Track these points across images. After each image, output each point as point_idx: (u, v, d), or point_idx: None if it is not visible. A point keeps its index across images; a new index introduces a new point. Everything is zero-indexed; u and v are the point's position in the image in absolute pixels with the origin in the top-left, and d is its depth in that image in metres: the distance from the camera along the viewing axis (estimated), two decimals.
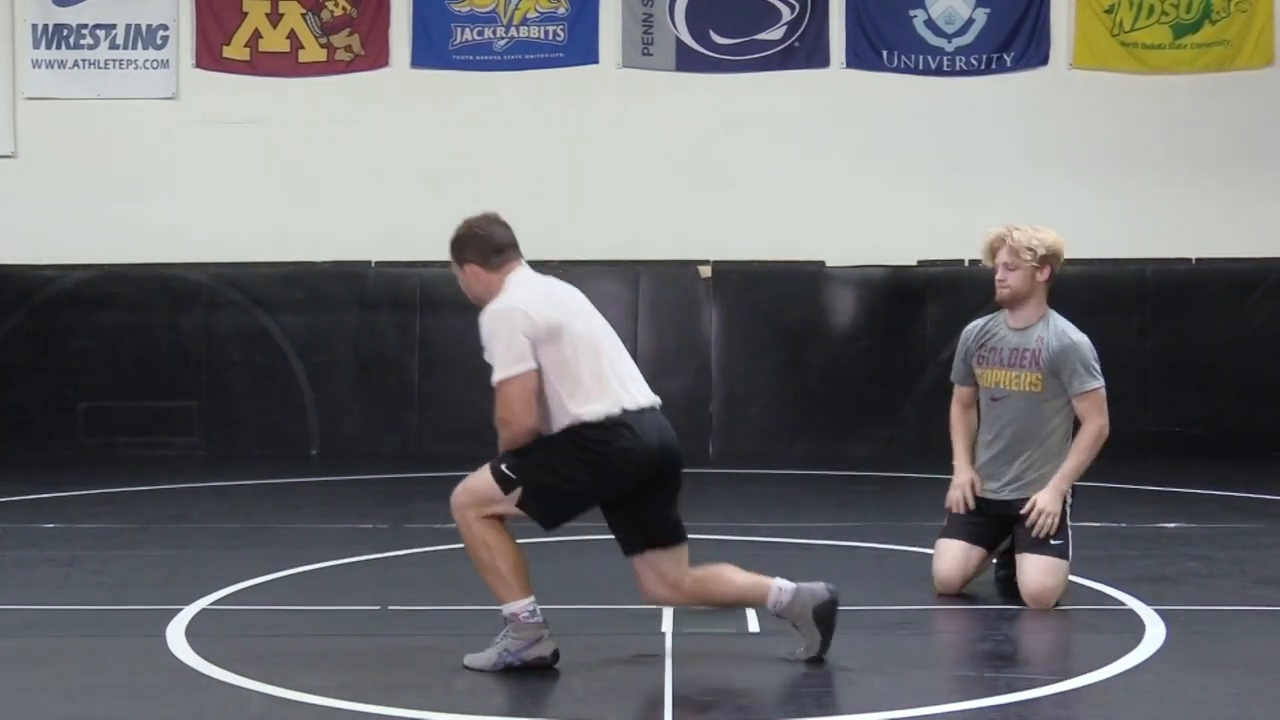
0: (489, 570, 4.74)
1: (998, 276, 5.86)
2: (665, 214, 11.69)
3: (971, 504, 5.84)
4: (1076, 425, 5.80)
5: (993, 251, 5.88)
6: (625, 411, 4.71)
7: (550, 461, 4.70)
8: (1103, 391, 5.75)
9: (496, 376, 4.71)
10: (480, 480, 4.81)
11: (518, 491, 4.72)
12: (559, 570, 6.34)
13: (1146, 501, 8.79)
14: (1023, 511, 5.64)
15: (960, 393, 6.08)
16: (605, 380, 4.74)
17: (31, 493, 9.26)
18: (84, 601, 5.86)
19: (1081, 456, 5.67)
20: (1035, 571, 5.57)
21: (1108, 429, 5.72)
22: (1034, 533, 5.60)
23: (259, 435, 11.70)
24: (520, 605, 4.70)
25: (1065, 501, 5.69)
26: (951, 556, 5.83)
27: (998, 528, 5.82)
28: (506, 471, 4.74)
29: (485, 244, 5.02)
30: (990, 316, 6.01)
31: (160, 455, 11.44)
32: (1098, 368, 5.77)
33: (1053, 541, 5.59)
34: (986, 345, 5.95)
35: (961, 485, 5.89)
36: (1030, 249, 5.78)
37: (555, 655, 4.73)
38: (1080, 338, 5.81)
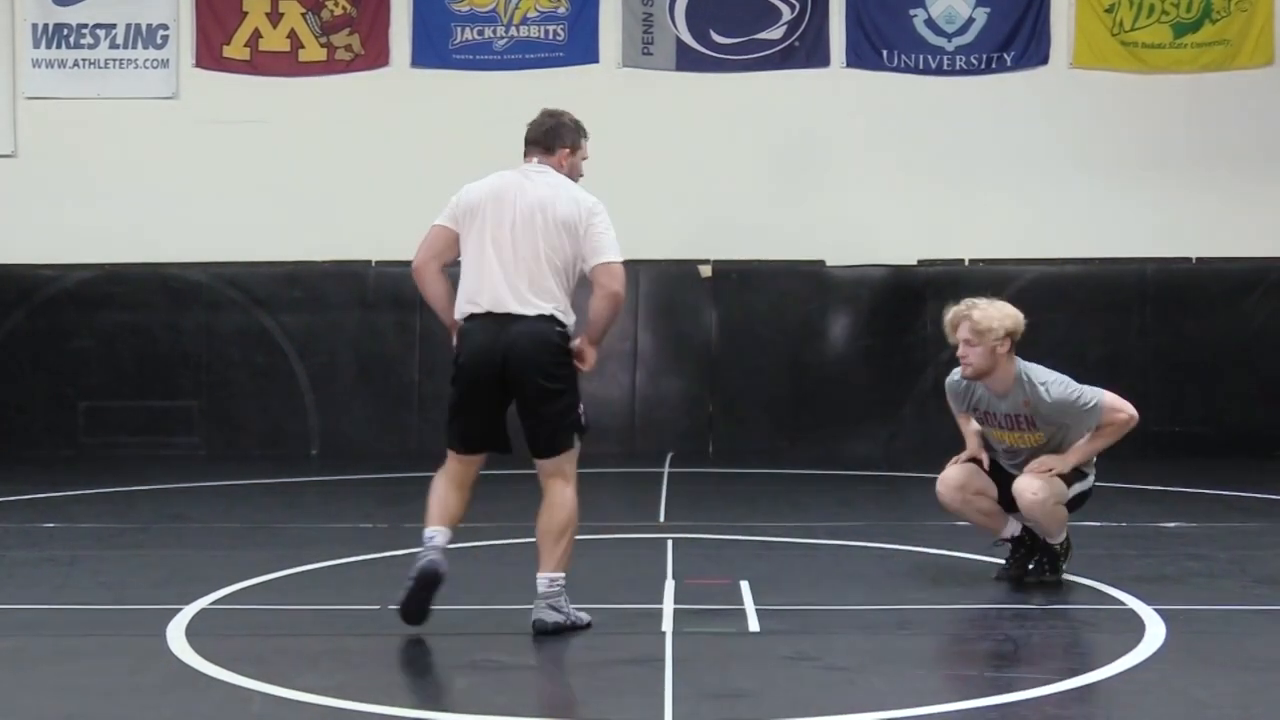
0: None
1: (959, 353, 5.99)
2: (666, 213, 11.69)
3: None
4: None
5: (954, 328, 6.03)
6: (469, 317, 5.22)
7: None
8: (1105, 399, 5.93)
9: None
10: None
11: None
12: None
13: (1147, 501, 8.78)
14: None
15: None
16: (470, 280, 5.28)
17: (32, 492, 9.26)
18: (84, 601, 5.86)
19: (1100, 443, 5.95)
20: (1031, 480, 5.80)
21: (1135, 417, 6.03)
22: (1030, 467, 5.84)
23: (259, 435, 11.70)
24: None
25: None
26: (956, 471, 6.06)
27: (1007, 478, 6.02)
28: None
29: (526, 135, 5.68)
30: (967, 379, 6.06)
31: (161, 455, 11.44)
32: (1084, 389, 5.91)
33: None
34: (980, 410, 6.08)
35: (968, 455, 6.07)
36: (989, 329, 5.87)
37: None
38: (1056, 389, 5.89)
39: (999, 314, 5.90)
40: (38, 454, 11.46)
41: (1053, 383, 5.88)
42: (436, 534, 5.26)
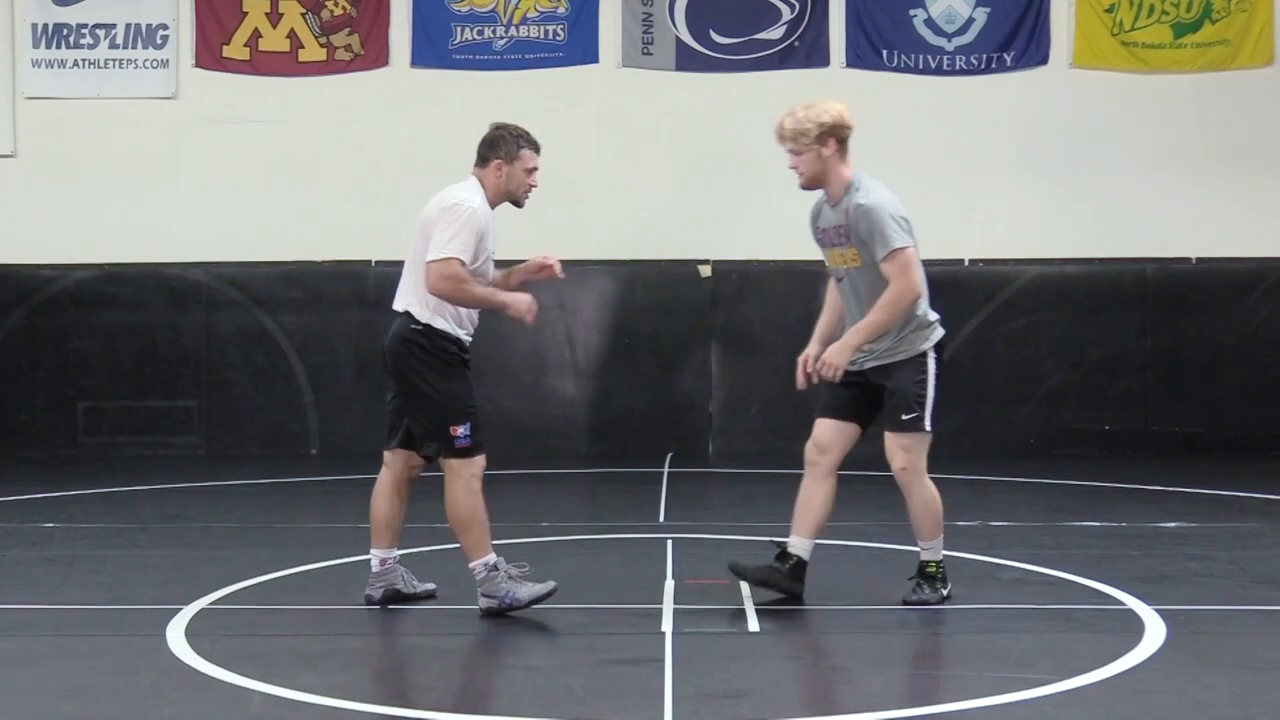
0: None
1: (790, 165, 5.68)
2: (665, 214, 11.69)
3: (801, 380, 5.74)
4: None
5: (779, 139, 5.69)
6: None
7: None
8: (907, 252, 5.46)
9: None
10: None
11: None
12: (559, 571, 6.34)
13: (1146, 501, 8.78)
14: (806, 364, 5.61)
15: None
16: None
17: (31, 492, 9.26)
18: (84, 601, 5.86)
19: (879, 315, 5.48)
20: (889, 448, 5.65)
21: (915, 290, 5.48)
22: (814, 379, 5.61)
23: (259, 435, 11.70)
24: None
25: (921, 372, 5.61)
26: (822, 431, 5.74)
27: (868, 403, 5.71)
28: None
29: None
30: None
31: (160, 455, 11.44)
32: (898, 226, 5.48)
33: (904, 417, 5.57)
34: (818, 226, 5.81)
35: (801, 358, 5.75)
36: (803, 132, 5.54)
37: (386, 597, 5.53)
38: (877, 199, 5.49)
39: (814, 113, 5.56)
40: (37, 454, 11.46)
41: (874, 193, 5.52)
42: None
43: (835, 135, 5.61)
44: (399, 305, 5.68)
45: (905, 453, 5.59)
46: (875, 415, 5.74)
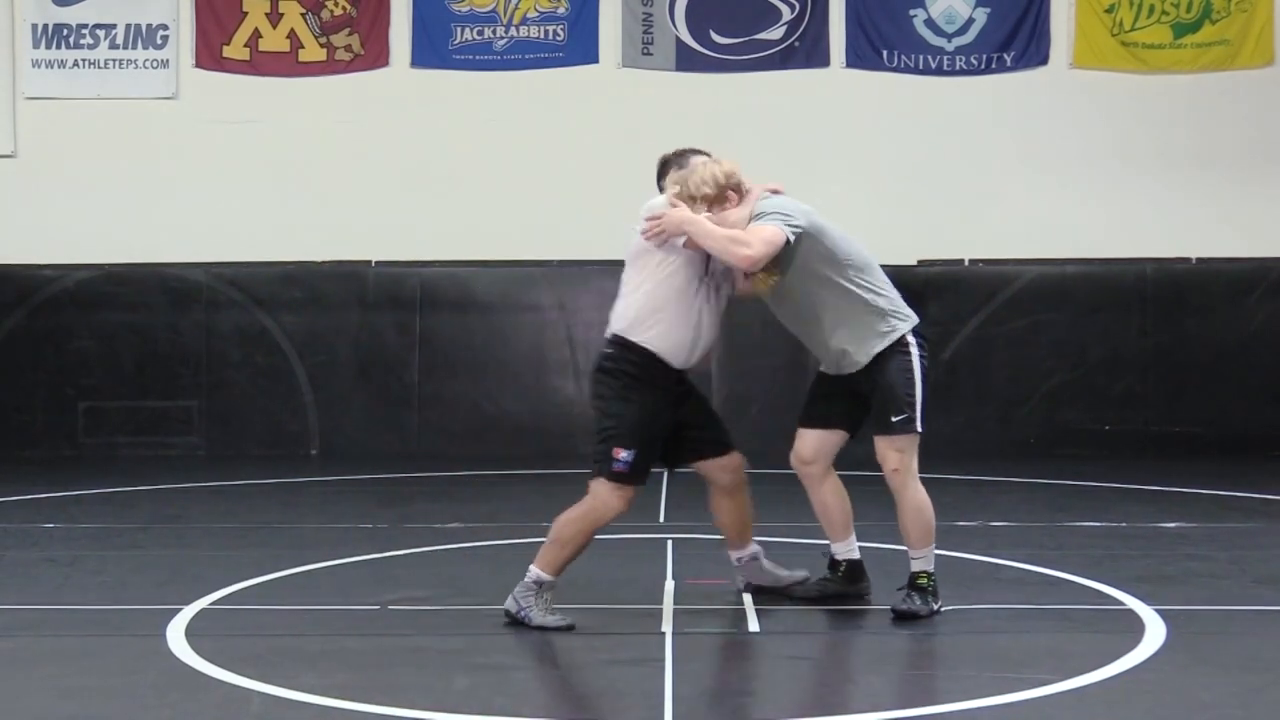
0: None
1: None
2: None
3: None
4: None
5: (692, 205, 5.58)
6: None
7: None
8: (766, 226, 5.31)
9: None
10: None
11: None
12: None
13: (1146, 501, 8.78)
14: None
15: None
16: None
17: (32, 492, 9.26)
18: (84, 601, 5.86)
19: (716, 232, 5.31)
20: (880, 450, 5.57)
21: (751, 257, 5.28)
22: (644, 236, 5.43)
23: (259, 435, 11.70)
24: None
25: (908, 370, 5.48)
26: (803, 444, 5.74)
27: (854, 410, 5.66)
28: None
29: None
30: None
31: (160, 455, 11.44)
32: (778, 213, 5.39)
33: (893, 419, 5.51)
34: (745, 274, 5.69)
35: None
36: (695, 199, 5.49)
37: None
38: (766, 204, 5.43)
39: (695, 182, 5.53)
40: (38, 454, 11.46)
41: (767, 202, 5.45)
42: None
43: (730, 190, 5.56)
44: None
45: (898, 454, 5.57)
46: (863, 419, 5.69)
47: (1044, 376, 11.60)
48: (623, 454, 5.23)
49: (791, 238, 5.38)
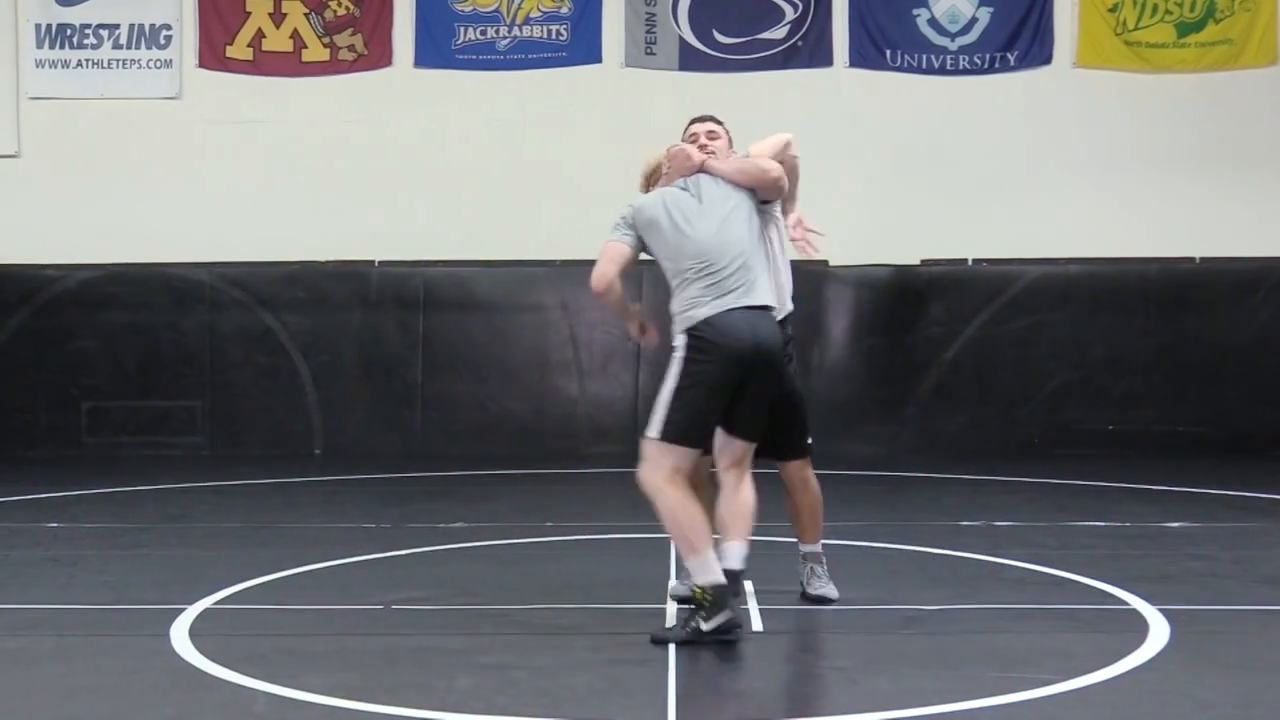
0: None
1: None
2: None
3: None
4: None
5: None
6: None
7: None
8: (606, 243, 5.45)
9: None
10: None
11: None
12: (563, 571, 6.35)
13: (1149, 501, 8.78)
14: None
15: None
16: None
17: (35, 492, 9.27)
18: (87, 601, 5.86)
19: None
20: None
21: (596, 278, 5.38)
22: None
23: (262, 435, 11.71)
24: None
25: (667, 375, 5.19)
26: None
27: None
28: None
29: None
30: None
31: (163, 455, 11.45)
32: (618, 221, 5.49)
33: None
34: None
35: None
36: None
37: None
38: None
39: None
40: (41, 454, 11.48)
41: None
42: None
43: (650, 183, 5.79)
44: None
45: (643, 460, 5.25)
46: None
47: (1047, 376, 11.59)
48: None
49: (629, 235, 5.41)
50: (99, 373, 11.75)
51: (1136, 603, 5.66)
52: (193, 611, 5.56)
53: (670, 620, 5.37)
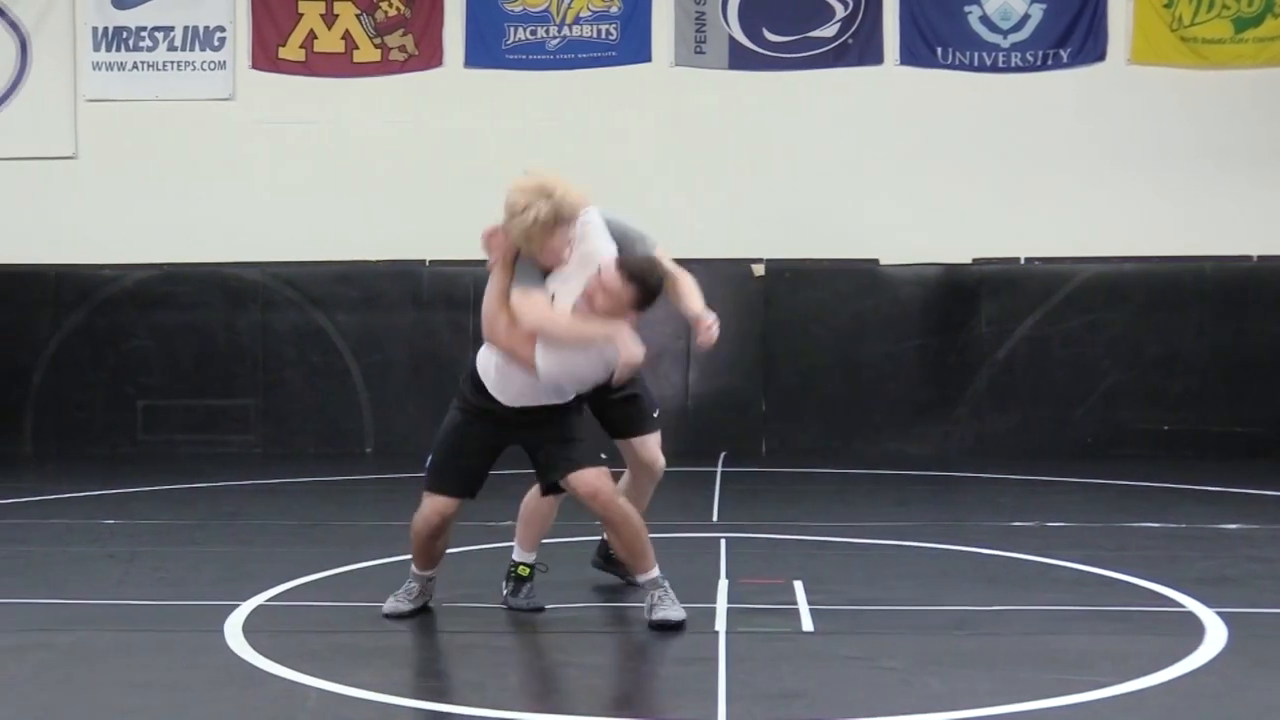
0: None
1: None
2: (718, 212, 11.66)
3: None
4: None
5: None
6: None
7: None
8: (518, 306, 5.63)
9: None
10: None
11: None
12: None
13: (1207, 502, 8.67)
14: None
15: None
16: None
17: (92, 489, 9.38)
18: (143, 596, 5.93)
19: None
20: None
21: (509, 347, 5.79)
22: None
23: (315, 433, 11.79)
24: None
25: None
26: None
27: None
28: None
29: None
30: None
31: (218, 453, 11.56)
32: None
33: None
34: None
35: None
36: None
37: None
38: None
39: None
40: (98, 451, 11.61)
41: None
42: None
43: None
44: None
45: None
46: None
47: (1101, 376, 11.47)
48: None
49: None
50: (155, 371, 11.88)
51: (1193, 605, 5.59)
52: (246, 608, 5.61)
53: (720, 619, 5.37)
